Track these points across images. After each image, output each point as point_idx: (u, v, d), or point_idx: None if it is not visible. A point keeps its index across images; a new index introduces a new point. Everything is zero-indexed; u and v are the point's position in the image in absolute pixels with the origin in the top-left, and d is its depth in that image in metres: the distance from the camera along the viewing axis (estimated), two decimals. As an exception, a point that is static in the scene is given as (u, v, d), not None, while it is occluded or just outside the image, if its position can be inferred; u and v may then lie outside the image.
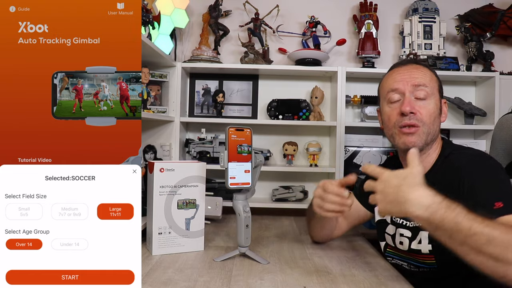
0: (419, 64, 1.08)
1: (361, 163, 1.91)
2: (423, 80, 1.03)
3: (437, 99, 1.05)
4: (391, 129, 1.06)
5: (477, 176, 0.92)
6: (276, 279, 0.93)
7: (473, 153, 1.01)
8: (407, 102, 1.01)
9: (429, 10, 1.89)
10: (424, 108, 1.01)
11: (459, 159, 0.99)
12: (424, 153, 1.04)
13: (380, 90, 1.12)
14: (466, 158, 0.98)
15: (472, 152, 1.02)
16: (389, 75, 1.09)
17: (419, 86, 1.02)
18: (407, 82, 1.03)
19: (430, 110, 1.02)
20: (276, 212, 1.78)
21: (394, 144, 1.07)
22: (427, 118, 1.01)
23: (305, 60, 1.83)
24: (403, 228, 1.06)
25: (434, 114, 1.03)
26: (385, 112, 1.08)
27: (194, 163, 1.18)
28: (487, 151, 1.83)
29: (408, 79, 1.03)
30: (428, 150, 1.05)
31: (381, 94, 1.12)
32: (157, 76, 1.77)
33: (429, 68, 1.08)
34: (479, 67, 1.96)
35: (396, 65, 1.11)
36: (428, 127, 1.01)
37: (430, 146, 1.04)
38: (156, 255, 1.10)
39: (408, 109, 1.00)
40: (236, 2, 1.96)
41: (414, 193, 0.78)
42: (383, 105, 1.09)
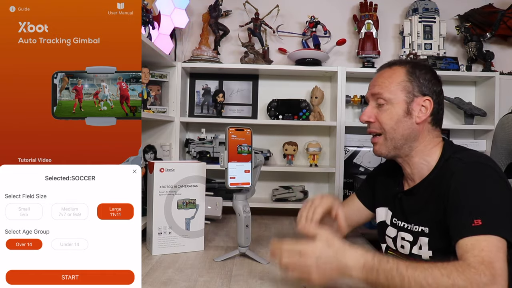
0: (390, 67, 1.04)
1: (361, 163, 1.91)
2: (378, 88, 1.02)
3: (401, 101, 0.99)
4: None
5: (465, 187, 0.89)
6: (276, 279, 0.93)
7: (470, 160, 0.94)
8: (365, 111, 1.04)
9: (429, 10, 1.89)
10: (381, 115, 1.01)
11: (456, 164, 0.94)
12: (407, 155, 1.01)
13: None
14: (462, 165, 0.93)
15: (470, 158, 0.95)
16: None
17: (375, 95, 1.02)
18: (370, 90, 1.05)
19: (387, 115, 0.99)
20: (276, 212, 1.78)
21: None
22: (386, 125, 1.00)
23: (305, 60, 1.83)
24: (404, 231, 1.04)
25: (394, 118, 0.99)
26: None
27: (194, 163, 1.18)
28: (487, 151, 1.84)
29: (371, 87, 1.05)
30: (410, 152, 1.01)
31: None
32: (157, 76, 1.77)
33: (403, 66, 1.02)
34: (479, 67, 1.96)
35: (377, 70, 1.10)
36: (390, 132, 1.00)
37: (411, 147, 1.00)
38: (156, 255, 1.10)
39: (364, 118, 1.03)
40: (236, 2, 1.96)
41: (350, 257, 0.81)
42: None
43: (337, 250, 0.83)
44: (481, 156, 0.98)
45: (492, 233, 0.80)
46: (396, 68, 1.03)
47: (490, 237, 0.80)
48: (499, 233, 0.81)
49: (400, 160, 1.04)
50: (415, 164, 1.02)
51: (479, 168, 0.92)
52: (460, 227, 0.84)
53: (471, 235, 0.81)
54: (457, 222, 0.86)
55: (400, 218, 1.06)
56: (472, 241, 0.81)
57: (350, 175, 1.86)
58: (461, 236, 0.82)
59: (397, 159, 1.04)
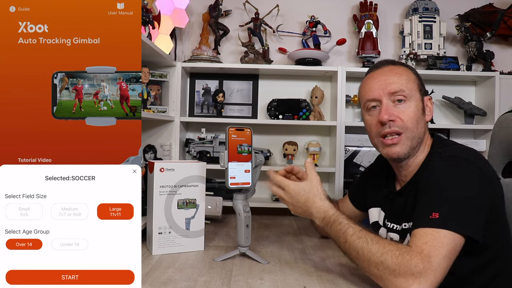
0: (394, 65, 1.03)
1: (361, 163, 1.91)
2: (399, 85, 0.97)
3: (418, 99, 0.99)
4: (373, 139, 1.03)
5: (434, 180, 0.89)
6: (276, 279, 0.93)
7: (450, 154, 0.93)
8: (384, 110, 0.97)
9: (429, 9, 1.89)
10: (403, 112, 0.96)
11: (436, 158, 0.94)
12: (412, 156, 1.00)
13: (359, 98, 1.08)
14: (439, 159, 0.93)
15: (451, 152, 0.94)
16: (365, 83, 1.04)
17: (395, 93, 0.97)
18: (383, 89, 0.98)
19: (410, 113, 0.96)
20: (276, 212, 1.78)
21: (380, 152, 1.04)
22: (409, 123, 0.96)
23: (305, 60, 1.83)
24: (392, 232, 1.04)
25: (416, 116, 0.97)
26: (365, 121, 1.04)
27: (194, 163, 1.18)
28: (487, 150, 1.84)
29: (384, 86, 0.98)
30: (416, 153, 1.00)
31: (360, 102, 1.08)
32: (157, 76, 1.77)
33: (406, 67, 1.03)
34: (479, 66, 1.96)
35: (371, 69, 1.06)
36: (412, 131, 0.96)
37: (418, 148, 1.00)
38: (156, 255, 1.10)
39: (386, 117, 0.96)
40: (236, 2, 1.96)
41: (315, 209, 0.97)
42: (363, 114, 1.06)
43: (308, 198, 0.98)
44: (465, 151, 0.95)
45: (444, 228, 0.80)
46: (400, 67, 1.03)
47: (440, 231, 0.80)
48: (453, 229, 0.80)
49: (403, 162, 1.01)
50: (412, 165, 1.01)
51: (456, 162, 0.91)
52: (420, 217, 0.85)
53: (424, 227, 0.82)
54: (418, 212, 0.88)
55: (391, 219, 1.06)
56: (422, 232, 0.82)
57: (350, 175, 1.86)
58: (417, 226, 0.84)
59: (401, 162, 1.01)
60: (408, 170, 1.02)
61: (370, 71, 1.06)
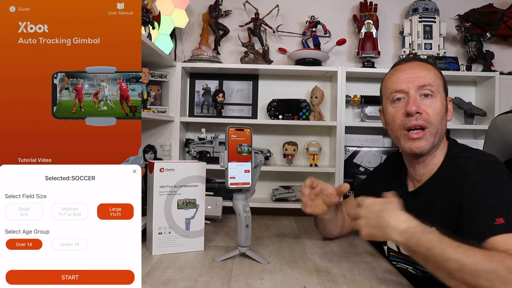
0: (422, 61, 1.04)
1: (361, 163, 1.91)
2: (428, 79, 0.98)
3: (443, 96, 1.00)
4: (396, 131, 1.01)
5: (482, 186, 0.88)
6: (276, 279, 0.93)
7: (482, 159, 0.94)
8: (412, 101, 0.97)
9: (429, 10, 1.89)
10: (430, 107, 0.97)
11: (468, 164, 0.93)
12: (430, 154, 1.00)
13: (383, 90, 1.08)
14: (474, 164, 0.92)
15: (480, 157, 0.95)
16: (392, 74, 1.05)
17: (424, 86, 0.97)
18: (412, 82, 0.98)
19: (436, 109, 0.97)
20: (276, 212, 1.78)
21: (399, 146, 1.03)
22: (434, 118, 0.96)
23: (305, 60, 1.83)
24: None
25: (441, 113, 0.98)
26: (389, 112, 1.03)
27: (194, 163, 1.18)
28: (486, 150, 1.84)
29: (413, 79, 0.99)
30: (435, 151, 1.00)
31: (383, 94, 1.07)
32: (157, 76, 1.77)
33: (433, 66, 1.04)
34: (479, 67, 1.96)
35: (399, 62, 1.07)
36: (436, 127, 0.97)
37: (437, 146, 1.00)
38: (156, 255, 1.10)
39: (414, 109, 0.95)
40: (236, 2, 1.96)
41: (394, 218, 0.84)
42: (386, 105, 1.05)
43: (384, 208, 0.86)
44: (489, 154, 0.97)
45: None
46: (427, 64, 1.03)
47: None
48: None
49: (422, 159, 1.01)
50: (429, 164, 1.00)
51: (492, 166, 0.92)
52: (483, 227, 0.82)
53: (496, 234, 0.79)
54: (477, 223, 0.84)
55: None
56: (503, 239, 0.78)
57: (350, 175, 1.86)
58: (486, 236, 0.80)
59: (421, 158, 1.01)
60: (426, 168, 1.01)
61: (397, 64, 1.07)
